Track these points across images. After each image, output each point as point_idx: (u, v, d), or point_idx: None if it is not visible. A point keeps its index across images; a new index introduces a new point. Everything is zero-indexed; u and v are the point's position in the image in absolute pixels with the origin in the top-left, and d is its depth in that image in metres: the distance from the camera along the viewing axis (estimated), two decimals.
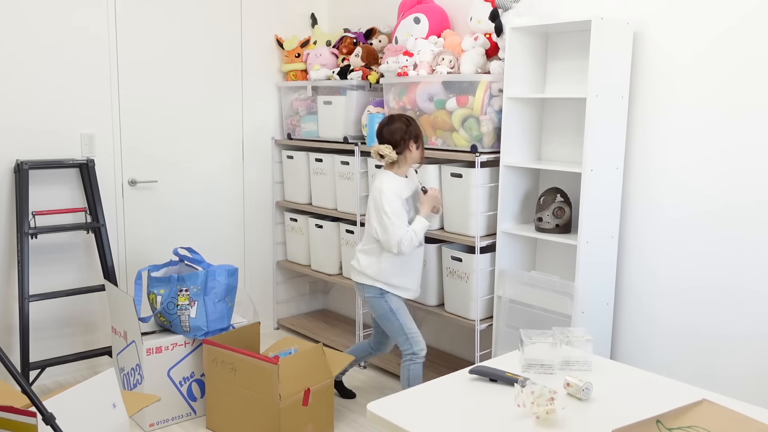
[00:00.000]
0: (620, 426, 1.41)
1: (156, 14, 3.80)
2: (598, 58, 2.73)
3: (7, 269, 3.48)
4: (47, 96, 3.48)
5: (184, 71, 3.95)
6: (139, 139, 3.82)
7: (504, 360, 2.07)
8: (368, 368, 3.88)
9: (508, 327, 3.22)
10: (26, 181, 3.32)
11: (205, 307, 3.09)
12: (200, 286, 3.09)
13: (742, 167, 2.64)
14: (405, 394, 1.80)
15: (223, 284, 3.15)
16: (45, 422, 1.87)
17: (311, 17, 4.45)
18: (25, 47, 3.39)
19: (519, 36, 3.04)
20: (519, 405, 1.69)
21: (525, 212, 3.27)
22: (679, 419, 1.47)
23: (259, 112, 4.32)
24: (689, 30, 2.74)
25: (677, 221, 2.85)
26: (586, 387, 1.78)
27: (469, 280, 3.24)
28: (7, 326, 3.50)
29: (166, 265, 3.34)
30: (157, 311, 3.14)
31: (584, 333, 2.07)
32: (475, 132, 3.18)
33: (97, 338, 3.79)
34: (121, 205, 3.80)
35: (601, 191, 2.87)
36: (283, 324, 4.53)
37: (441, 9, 3.62)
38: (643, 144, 2.93)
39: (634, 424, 1.42)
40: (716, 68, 2.68)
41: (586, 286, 2.88)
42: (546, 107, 3.25)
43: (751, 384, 2.69)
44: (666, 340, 2.92)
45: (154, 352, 3.06)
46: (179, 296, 3.08)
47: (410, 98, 3.41)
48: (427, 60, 3.37)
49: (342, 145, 3.92)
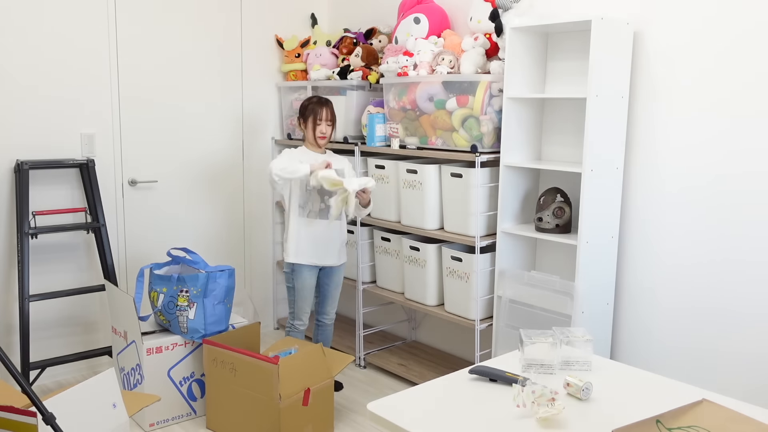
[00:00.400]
0: (620, 426, 1.41)
1: (156, 14, 3.80)
2: (598, 58, 2.73)
3: (7, 269, 3.48)
4: (47, 96, 3.49)
5: (184, 71, 3.95)
6: (139, 139, 3.82)
7: (504, 360, 2.07)
8: (368, 368, 3.89)
9: (507, 327, 3.23)
10: (26, 181, 3.32)
11: (204, 310, 3.09)
12: (200, 288, 3.08)
13: (743, 168, 2.64)
14: (405, 394, 1.80)
15: (223, 286, 3.15)
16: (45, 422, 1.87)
17: (311, 17, 4.45)
18: (25, 47, 3.39)
19: (519, 36, 3.04)
20: (519, 405, 1.69)
21: (525, 212, 3.27)
22: (679, 419, 1.47)
23: (259, 112, 4.32)
24: (690, 30, 2.74)
25: (678, 221, 2.85)
26: (586, 387, 1.78)
27: (469, 280, 3.24)
28: (7, 326, 3.50)
29: (169, 264, 3.34)
30: (157, 309, 3.14)
31: (584, 333, 2.07)
32: (475, 132, 3.18)
33: (97, 338, 3.79)
34: (121, 205, 3.80)
35: (601, 191, 2.87)
36: (283, 324, 4.53)
37: (441, 9, 3.61)
38: (644, 144, 2.93)
39: (634, 424, 1.42)
40: (717, 69, 2.68)
41: (586, 286, 2.88)
42: (546, 107, 3.25)
43: (751, 387, 2.69)
44: (666, 340, 2.92)
45: (154, 351, 3.06)
46: (179, 297, 3.08)
47: (410, 98, 3.41)
48: (427, 60, 3.37)
49: (342, 145, 3.92)
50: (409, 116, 3.45)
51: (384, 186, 3.62)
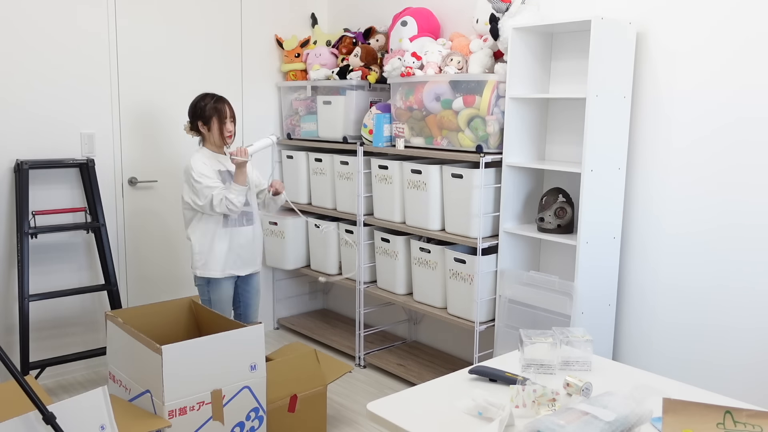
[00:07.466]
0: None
1: (156, 14, 3.80)
2: (598, 58, 2.73)
3: (7, 269, 3.47)
4: (47, 96, 3.48)
5: (184, 71, 3.95)
6: (139, 139, 3.82)
7: (504, 360, 2.06)
8: (368, 368, 3.88)
9: (507, 327, 3.22)
10: (26, 181, 3.32)
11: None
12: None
13: (746, 168, 2.64)
14: (405, 394, 1.80)
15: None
16: (45, 422, 1.87)
17: (311, 17, 4.45)
18: (25, 47, 3.39)
19: (521, 36, 3.04)
20: (518, 405, 1.69)
21: (528, 212, 3.26)
22: (752, 419, 1.46)
23: (259, 111, 4.31)
24: (694, 31, 2.74)
25: (680, 222, 2.85)
26: (586, 387, 1.78)
27: (472, 281, 3.23)
28: (7, 326, 3.50)
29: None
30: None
31: (584, 333, 2.06)
32: (481, 132, 3.17)
33: (97, 338, 3.79)
34: (121, 205, 3.80)
35: (602, 191, 2.87)
36: (283, 324, 4.53)
37: (427, 10, 3.68)
38: (646, 145, 2.92)
39: (701, 404, 1.44)
40: (721, 69, 2.68)
41: (586, 287, 2.88)
42: (550, 107, 3.24)
43: (752, 383, 2.68)
44: (669, 341, 2.92)
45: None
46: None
47: (417, 98, 3.42)
48: (434, 61, 3.37)
49: (341, 145, 3.92)
50: (416, 116, 3.45)
51: (387, 186, 3.61)
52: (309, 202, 4.23)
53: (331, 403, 3.40)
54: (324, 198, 4.08)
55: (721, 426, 1.45)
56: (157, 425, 2.40)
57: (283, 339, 4.35)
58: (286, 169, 4.32)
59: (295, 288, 4.67)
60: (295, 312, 4.69)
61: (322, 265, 4.13)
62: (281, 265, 4.25)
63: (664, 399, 1.48)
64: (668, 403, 1.48)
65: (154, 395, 2.47)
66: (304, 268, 4.27)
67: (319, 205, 4.12)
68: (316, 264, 4.18)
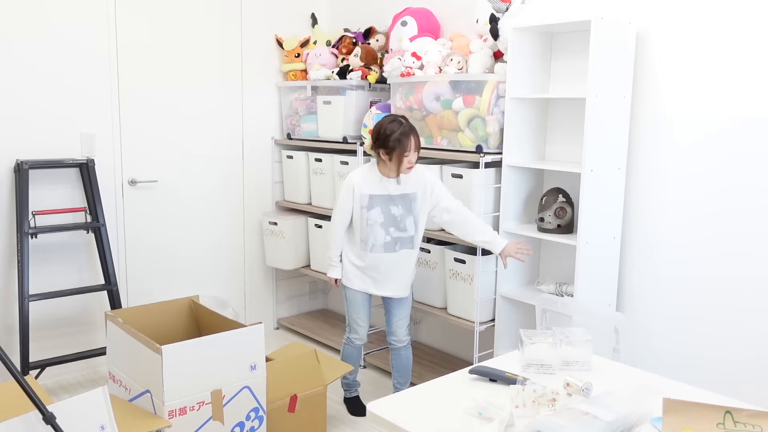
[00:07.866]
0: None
1: (156, 14, 3.80)
2: (598, 58, 2.73)
3: (7, 269, 3.47)
4: (47, 96, 3.48)
5: (184, 71, 3.95)
6: (139, 139, 3.82)
7: (504, 360, 2.06)
8: (368, 368, 3.88)
9: (507, 327, 3.22)
10: (26, 181, 3.32)
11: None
12: None
13: (746, 168, 2.64)
14: (405, 394, 1.80)
15: None
16: (45, 422, 1.87)
17: (311, 17, 4.45)
18: (25, 47, 3.39)
19: (521, 36, 3.04)
20: (518, 405, 1.69)
21: (528, 212, 3.26)
22: (752, 419, 1.46)
23: (259, 111, 4.31)
24: (693, 30, 2.74)
25: (681, 222, 2.85)
26: (586, 387, 1.78)
27: (472, 281, 3.23)
28: (7, 326, 3.50)
29: None
30: None
31: (584, 333, 2.06)
32: (481, 132, 3.17)
33: (97, 338, 3.79)
34: (121, 205, 3.80)
35: (601, 191, 2.87)
36: (283, 324, 4.53)
37: (427, 10, 3.68)
38: (647, 145, 2.92)
39: (701, 404, 1.43)
40: (721, 69, 2.68)
41: (586, 287, 2.88)
42: (551, 107, 3.24)
43: (752, 383, 2.68)
44: (669, 341, 2.92)
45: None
46: None
47: (417, 98, 3.42)
48: (434, 61, 3.37)
49: (341, 144, 3.92)
50: (416, 116, 3.45)
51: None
52: (309, 202, 4.23)
53: (331, 403, 3.40)
54: (324, 198, 4.08)
55: (721, 426, 1.45)
56: (157, 425, 2.39)
57: (283, 339, 4.35)
58: (286, 169, 4.33)
59: (295, 288, 4.67)
60: (295, 312, 4.69)
61: (323, 265, 4.13)
62: (281, 265, 4.25)
63: (664, 399, 1.49)
64: (668, 403, 1.48)
65: (154, 395, 2.47)
66: (304, 268, 4.27)
67: (319, 205, 4.12)
68: (316, 264, 4.18)
